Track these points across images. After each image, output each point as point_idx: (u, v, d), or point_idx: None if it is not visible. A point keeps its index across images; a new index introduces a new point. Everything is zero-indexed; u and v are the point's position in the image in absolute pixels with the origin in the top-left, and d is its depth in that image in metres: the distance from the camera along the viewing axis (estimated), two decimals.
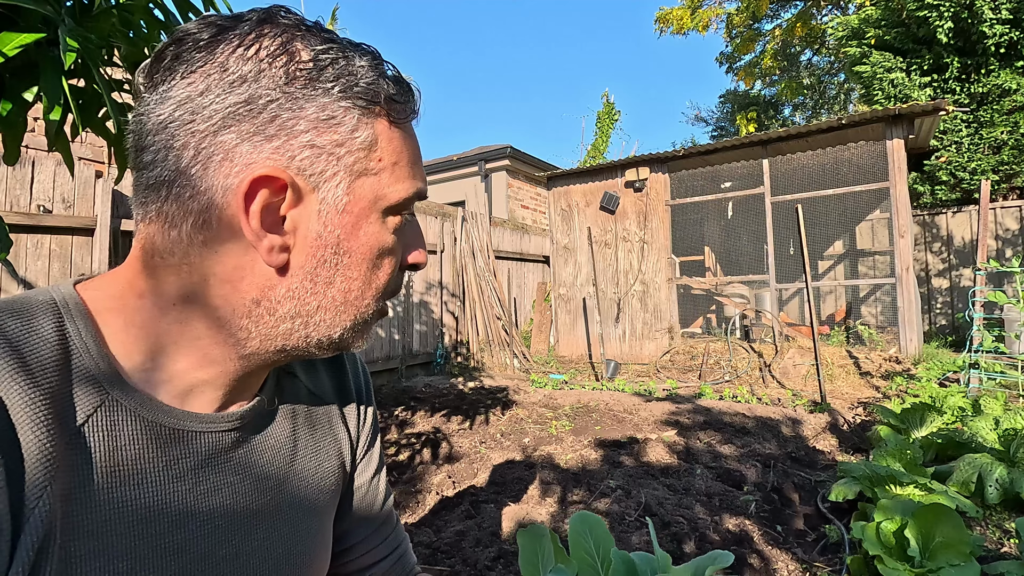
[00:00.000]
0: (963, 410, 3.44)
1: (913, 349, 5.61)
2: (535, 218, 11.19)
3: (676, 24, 15.81)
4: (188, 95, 0.39)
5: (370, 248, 0.44)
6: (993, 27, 6.78)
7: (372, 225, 0.44)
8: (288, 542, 0.50)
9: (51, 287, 0.42)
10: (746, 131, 16.41)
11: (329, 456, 0.57)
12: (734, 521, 2.38)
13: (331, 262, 0.43)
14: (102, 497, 0.37)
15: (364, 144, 0.42)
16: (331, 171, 0.41)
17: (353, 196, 0.42)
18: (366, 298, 0.46)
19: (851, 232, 8.44)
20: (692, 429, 3.77)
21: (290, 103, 0.40)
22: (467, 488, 2.84)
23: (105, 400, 0.39)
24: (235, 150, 0.39)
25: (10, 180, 3.26)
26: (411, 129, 0.47)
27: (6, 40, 0.67)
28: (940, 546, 1.78)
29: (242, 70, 0.39)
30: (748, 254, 8.03)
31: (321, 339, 0.45)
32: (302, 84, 0.40)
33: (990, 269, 4.14)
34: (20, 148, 0.88)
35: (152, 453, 0.41)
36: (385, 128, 0.44)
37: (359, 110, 0.42)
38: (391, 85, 0.44)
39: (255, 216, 0.40)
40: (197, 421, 0.44)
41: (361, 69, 0.42)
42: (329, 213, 0.42)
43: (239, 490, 0.46)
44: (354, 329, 0.46)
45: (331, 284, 0.43)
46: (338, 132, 0.41)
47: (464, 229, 6.95)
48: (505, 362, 6.75)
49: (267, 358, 0.45)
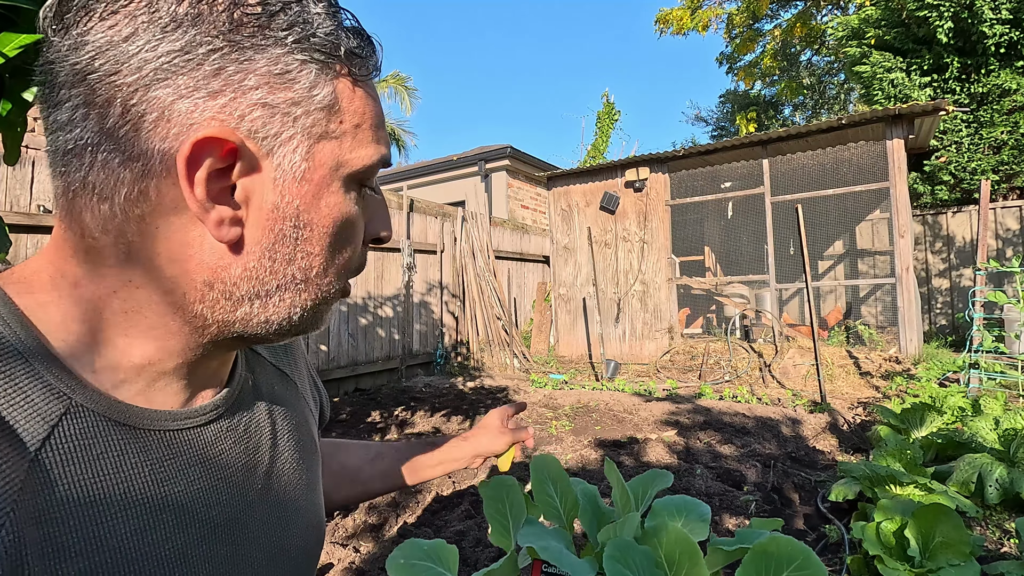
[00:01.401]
0: (963, 410, 3.44)
1: (913, 349, 5.61)
2: (535, 218, 11.19)
3: (676, 24, 15.82)
4: (110, 40, 0.33)
5: (332, 221, 0.40)
6: (993, 27, 6.78)
7: (334, 195, 0.39)
8: (283, 528, 0.49)
9: None
10: (746, 131, 16.41)
11: (303, 425, 0.55)
12: (734, 521, 2.38)
13: (290, 237, 0.38)
14: (86, 513, 0.33)
15: (324, 104, 0.37)
16: (287, 134, 0.36)
17: (312, 162, 0.38)
18: (328, 275, 0.41)
19: (851, 232, 8.44)
20: (692, 429, 3.77)
21: (237, 54, 0.34)
22: (467, 488, 2.84)
23: (68, 407, 0.34)
24: (172, 108, 0.33)
25: (10, 180, 3.26)
26: (373, 88, 0.42)
27: (6, 41, 0.67)
28: (940, 546, 1.78)
29: (176, 12, 0.33)
30: (748, 254, 8.03)
31: (281, 322, 0.40)
32: (250, 32, 0.35)
33: (990, 269, 4.14)
34: (20, 148, 0.88)
35: (134, 458, 0.37)
36: (347, 87, 0.39)
37: (317, 65, 0.37)
38: (352, 37, 0.39)
39: (200, 184, 0.34)
40: (172, 419, 0.40)
41: (318, 17, 0.37)
42: (286, 181, 0.37)
43: (231, 484, 0.44)
44: (315, 310, 0.42)
45: (291, 261, 0.39)
46: (294, 90, 0.36)
47: (464, 229, 6.94)
48: (505, 362, 6.75)
49: (228, 345, 0.42)
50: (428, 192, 11.07)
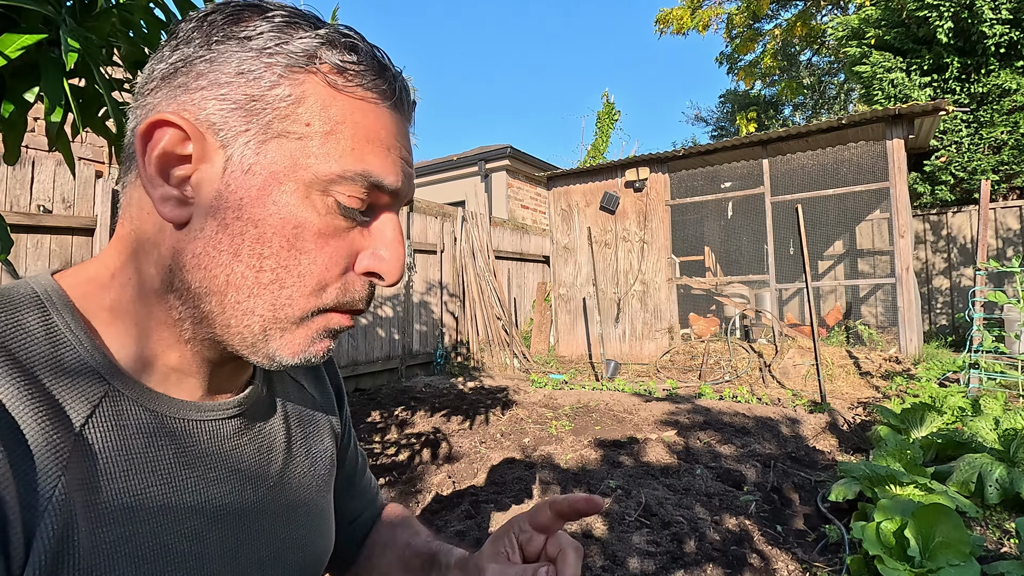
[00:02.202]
0: (963, 410, 3.44)
1: (913, 349, 5.61)
2: (535, 218, 11.19)
3: (676, 24, 15.82)
4: (149, 64, 0.41)
5: (283, 222, 0.38)
6: (993, 27, 6.78)
7: (287, 195, 0.38)
8: (291, 527, 0.50)
9: (29, 279, 0.41)
10: (746, 131, 16.41)
11: (318, 443, 0.57)
12: (734, 521, 2.38)
13: (234, 229, 0.38)
14: (120, 485, 0.37)
15: (284, 100, 0.38)
16: (242, 127, 0.38)
17: (263, 157, 0.38)
18: (287, 286, 0.39)
19: (851, 232, 8.44)
20: (692, 429, 3.77)
21: (210, 55, 0.38)
22: (467, 488, 2.84)
23: (108, 391, 0.38)
24: (157, 104, 0.39)
25: (10, 180, 3.26)
26: (377, 109, 0.41)
27: (8, 42, 0.67)
28: (940, 546, 1.78)
29: (189, 35, 0.39)
30: (748, 254, 8.03)
31: (244, 332, 0.40)
32: (221, 38, 0.39)
33: (990, 269, 4.14)
34: (21, 148, 0.88)
35: (161, 441, 0.40)
36: (320, 89, 0.39)
37: (282, 66, 0.38)
38: (344, 53, 0.40)
39: (152, 163, 0.38)
40: (196, 410, 0.43)
41: (306, 36, 0.39)
42: (234, 172, 0.38)
43: (244, 478, 0.46)
44: (280, 325, 0.40)
45: (237, 256, 0.38)
46: (255, 87, 0.38)
47: (464, 229, 6.94)
48: (505, 362, 6.75)
49: (217, 348, 0.42)
50: (428, 192, 11.08)
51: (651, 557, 2.08)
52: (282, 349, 0.41)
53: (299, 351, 0.41)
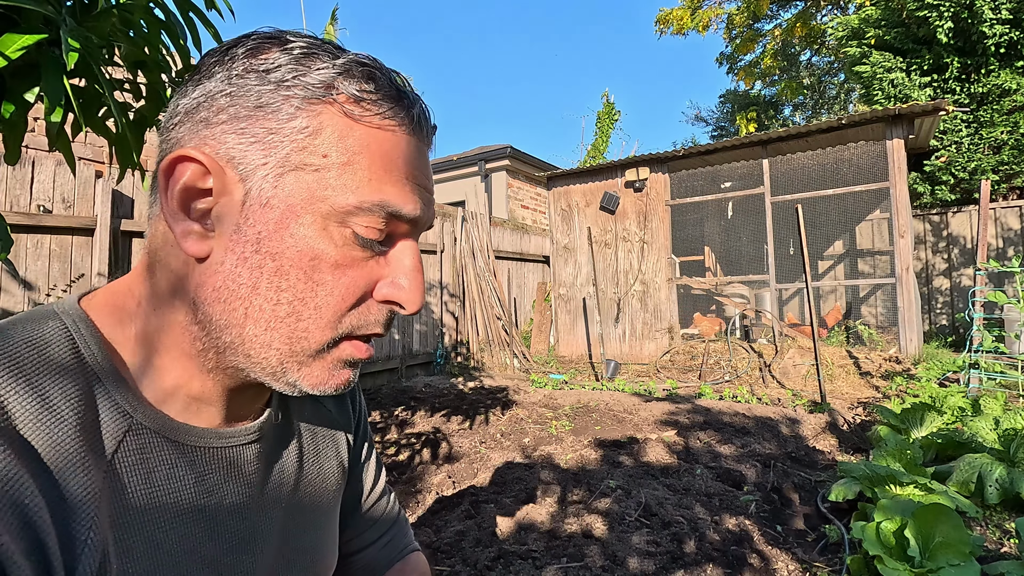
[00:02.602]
0: (963, 410, 3.44)
1: (913, 349, 5.61)
2: (535, 218, 11.19)
3: (676, 24, 15.82)
4: (174, 99, 0.42)
5: (300, 255, 0.38)
6: (993, 27, 6.78)
7: (304, 228, 0.38)
8: (303, 542, 0.52)
9: (58, 306, 0.41)
10: (746, 131, 16.41)
11: (330, 458, 0.58)
12: (734, 521, 2.38)
13: (253, 263, 0.38)
14: (146, 518, 0.38)
15: (301, 133, 0.38)
16: (261, 161, 0.38)
17: (281, 190, 0.38)
18: (303, 319, 0.39)
19: (851, 232, 8.44)
20: (692, 429, 3.77)
21: (231, 90, 0.39)
22: (467, 488, 2.84)
23: (131, 425, 0.39)
24: (180, 139, 0.40)
25: (10, 180, 3.26)
26: (395, 137, 0.41)
27: (8, 42, 0.67)
28: (940, 546, 1.78)
29: (211, 70, 0.40)
30: (748, 254, 8.03)
31: (263, 363, 0.40)
32: (241, 72, 0.39)
33: (990, 269, 4.14)
34: (21, 148, 0.88)
35: (181, 471, 0.41)
36: (337, 120, 0.39)
37: (299, 99, 0.39)
38: (361, 82, 0.40)
39: (174, 197, 0.39)
40: (218, 438, 0.44)
41: (324, 67, 0.39)
42: (253, 206, 0.38)
43: (261, 502, 0.47)
44: (297, 359, 0.40)
45: (256, 290, 0.38)
46: (273, 120, 0.38)
47: (464, 229, 6.94)
48: (505, 362, 6.75)
49: (239, 376, 0.42)
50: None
51: (651, 557, 2.08)
52: (302, 380, 0.41)
53: (319, 383, 0.42)
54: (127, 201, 3.77)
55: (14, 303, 3.21)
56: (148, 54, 1.02)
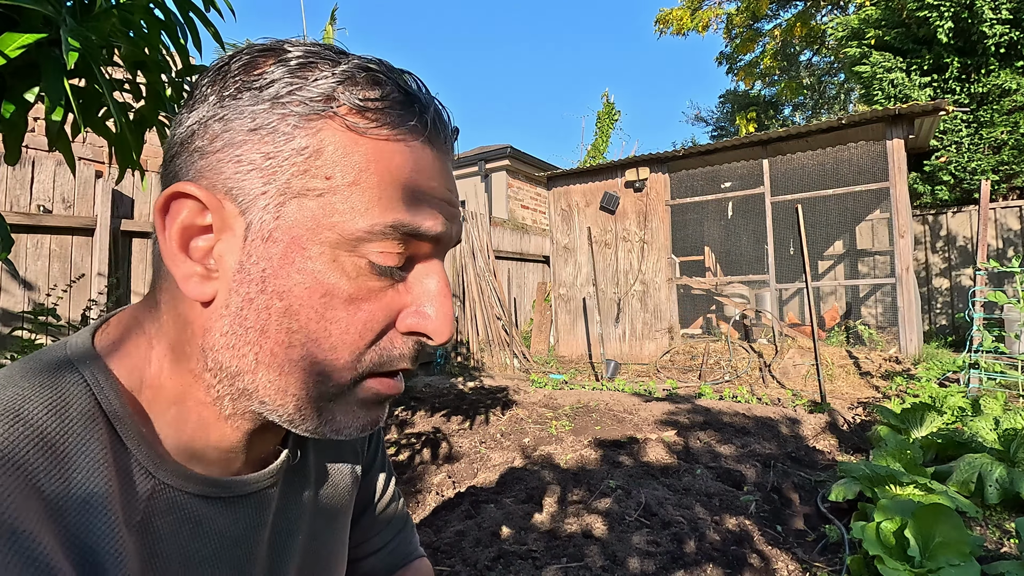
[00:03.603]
0: (963, 410, 3.44)
1: (913, 349, 5.61)
2: (535, 218, 11.19)
3: (676, 25, 15.82)
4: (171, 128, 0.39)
5: (309, 292, 0.35)
6: (993, 27, 6.78)
7: (312, 261, 0.35)
8: (317, 566, 0.52)
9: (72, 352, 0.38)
10: (746, 131, 16.41)
11: (344, 473, 0.57)
12: (734, 521, 2.38)
13: (259, 303, 0.35)
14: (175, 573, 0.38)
15: (300, 154, 0.34)
16: (260, 190, 0.35)
17: (284, 221, 0.35)
18: (319, 360, 0.36)
19: (851, 232, 8.44)
20: (692, 429, 3.77)
21: (223, 113, 0.35)
22: (467, 488, 2.84)
23: (155, 485, 0.37)
24: (177, 172, 0.37)
25: (10, 180, 3.26)
26: (406, 148, 0.37)
27: (8, 41, 0.67)
28: (940, 546, 1.78)
29: (204, 92, 0.37)
30: (748, 254, 8.03)
31: (279, 410, 0.37)
32: (235, 91, 0.35)
33: (990, 269, 4.14)
34: (21, 148, 0.88)
35: (206, 525, 0.40)
36: (340, 136, 0.35)
37: (297, 116, 0.35)
38: (365, 90, 0.36)
39: (172, 237, 0.35)
40: (242, 485, 0.42)
41: (323, 77, 0.35)
42: (255, 240, 0.35)
43: (284, 537, 0.47)
44: (315, 404, 0.37)
45: (265, 333, 0.35)
46: (270, 143, 0.35)
47: (464, 229, 6.95)
48: (505, 362, 6.75)
49: (257, 419, 0.39)
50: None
51: (651, 557, 2.08)
52: (324, 427, 0.38)
53: (342, 427, 0.38)
54: (127, 201, 3.77)
55: (14, 303, 3.21)
56: (148, 54, 1.02)
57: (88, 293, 3.47)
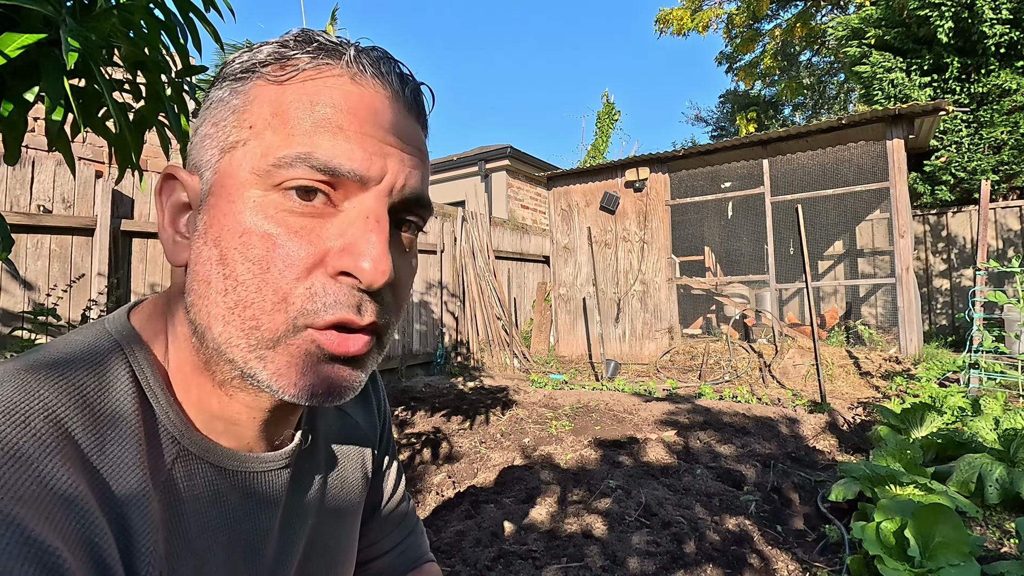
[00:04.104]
0: (963, 410, 3.44)
1: (913, 349, 5.61)
2: (535, 218, 11.19)
3: (676, 24, 15.81)
4: None
5: (232, 234, 0.36)
6: (994, 27, 6.78)
7: (235, 204, 0.36)
8: (323, 558, 0.52)
9: (109, 325, 0.40)
10: (746, 131, 16.41)
11: (355, 470, 0.58)
12: (734, 521, 2.38)
13: (204, 255, 0.37)
14: (193, 546, 0.39)
15: (233, 112, 0.38)
16: (208, 155, 0.39)
17: (219, 174, 0.37)
18: (249, 304, 0.35)
19: (851, 232, 8.44)
20: (692, 429, 3.77)
21: (206, 103, 0.41)
22: (467, 488, 2.84)
23: (180, 451, 0.39)
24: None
25: (10, 180, 3.26)
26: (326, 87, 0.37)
27: (8, 41, 0.67)
28: (940, 546, 1.78)
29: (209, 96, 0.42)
30: (748, 254, 8.03)
31: (236, 364, 0.37)
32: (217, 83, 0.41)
33: (990, 269, 4.14)
34: (21, 148, 0.88)
35: (223, 496, 0.41)
36: (263, 89, 0.37)
37: (235, 81, 0.39)
38: (296, 48, 0.38)
39: (163, 211, 0.40)
40: (257, 462, 0.44)
41: (265, 48, 0.39)
42: (204, 200, 0.38)
43: (289, 524, 0.48)
44: (255, 352, 0.36)
45: (209, 283, 0.36)
46: (216, 112, 0.39)
47: (464, 229, 6.94)
48: (505, 362, 6.75)
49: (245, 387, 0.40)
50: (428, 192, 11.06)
51: (651, 557, 2.08)
52: (273, 381, 0.36)
53: (290, 384, 0.36)
54: (127, 201, 3.77)
55: (14, 303, 3.21)
56: (148, 54, 1.02)
57: (88, 293, 3.47)
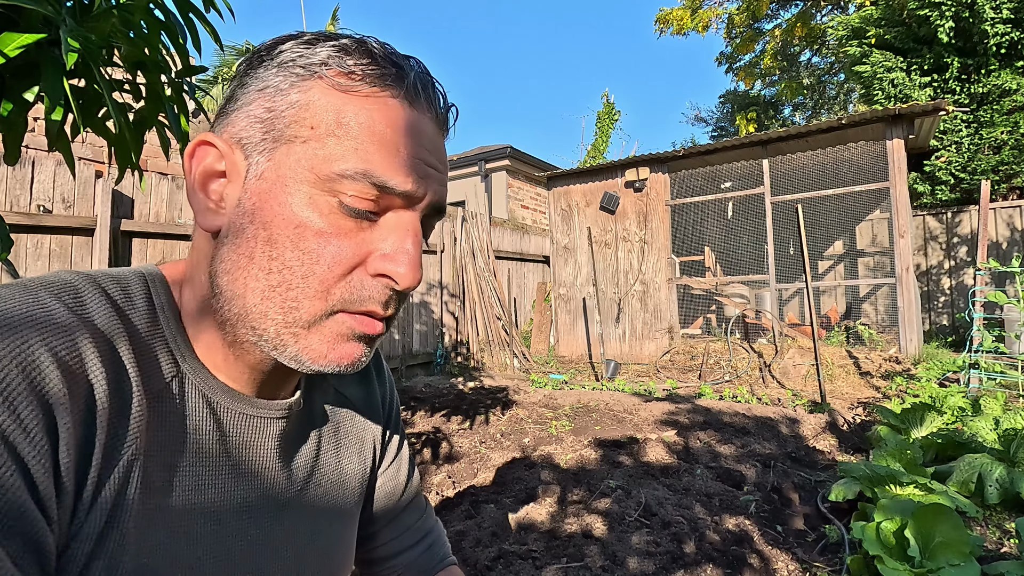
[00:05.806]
0: (963, 410, 3.44)
1: (913, 349, 5.61)
2: (535, 218, 11.19)
3: (676, 24, 15.81)
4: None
5: (286, 223, 0.39)
6: (994, 27, 6.78)
7: (292, 197, 0.40)
8: (311, 534, 0.52)
9: (139, 266, 0.46)
10: (746, 131, 16.40)
11: (351, 458, 0.58)
12: (734, 521, 2.38)
13: (249, 233, 0.40)
14: (171, 460, 0.41)
15: (293, 107, 0.40)
16: (260, 138, 0.41)
17: (273, 162, 0.40)
18: (293, 287, 0.40)
19: (851, 232, 8.43)
20: (692, 429, 3.77)
21: (246, 80, 0.43)
22: (467, 488, 2.84)
23: (178, 372, 0.42)
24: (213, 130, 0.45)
25: (10, 180, 3.26)
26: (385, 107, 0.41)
27: (7, 41, 0.67)
28: (940, 546, 1.78)
29: (238, 71, 0.45)
30: (748, 254, 8.03)
31: (264, 334, 0.41)
32: (257, 64, 0.43)
33: (990, 269, 4.14)
34: (20, 148, 0.88)
35: (210, 425, 0.44)
36: (325, 93, 0.40)
37: (295, 76, 0.41)
38: (355, 57, 0.41)
39: (195, 176, 0.42)
40: (248, 405, 0.46)
41: (323, 47, 0.42)
42: (251, 180, 0.41)
43: (273, 477, 0.49)
44: (291, 329, 0.40)
45: (252, 260, 0.40)
46: (271, 99, 0.41)
47: (464, 229, 6.94)
48: (505, 362, 6.75)
49: (255, 351, 0.44)
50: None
51: (651, 557, 2.08)
52: (303, 353, 0.41)
53: (319, 356, 0.41)
54: (127, 201, 3.77)
55: None
56: (148, 55, 1.02)
57: None
